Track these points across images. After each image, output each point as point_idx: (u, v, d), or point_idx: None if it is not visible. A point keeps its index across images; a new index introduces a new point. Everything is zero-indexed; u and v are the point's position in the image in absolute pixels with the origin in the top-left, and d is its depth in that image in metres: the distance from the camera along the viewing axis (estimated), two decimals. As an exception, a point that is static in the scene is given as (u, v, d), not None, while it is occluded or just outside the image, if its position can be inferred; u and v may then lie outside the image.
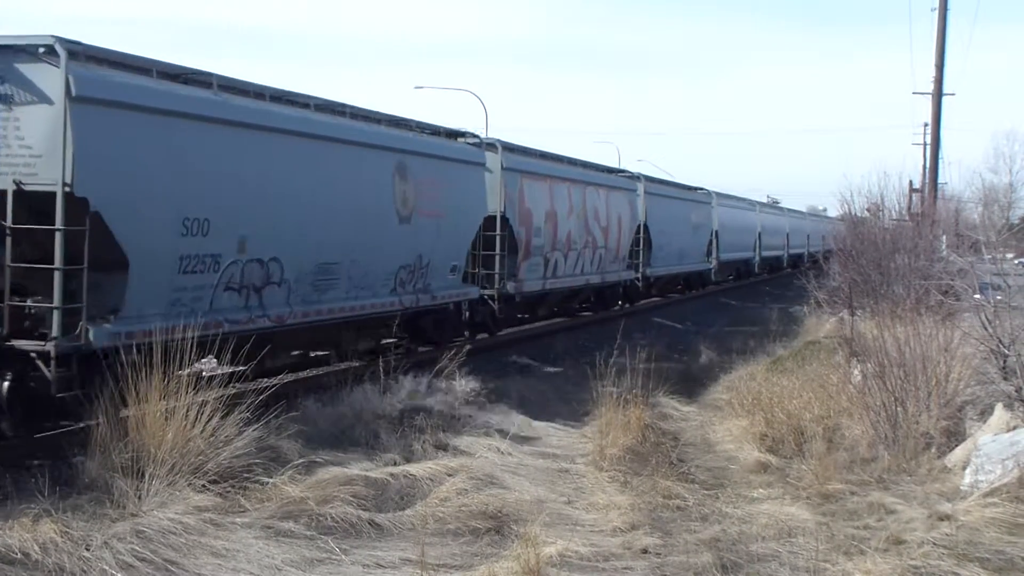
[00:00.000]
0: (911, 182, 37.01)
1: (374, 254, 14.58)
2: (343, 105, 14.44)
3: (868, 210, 25.82)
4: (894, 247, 20.90)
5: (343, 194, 13.80)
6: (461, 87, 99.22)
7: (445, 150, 17.26)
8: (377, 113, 15.43)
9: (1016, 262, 27.24)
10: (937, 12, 29.27)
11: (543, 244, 21.62)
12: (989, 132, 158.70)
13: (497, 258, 19.69)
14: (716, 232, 39.13)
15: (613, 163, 41.88)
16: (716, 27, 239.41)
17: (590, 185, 25.08)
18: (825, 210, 71.80)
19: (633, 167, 40.36)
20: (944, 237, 22.88)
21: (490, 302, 19.96)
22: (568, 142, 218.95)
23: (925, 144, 42.56)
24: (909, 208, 29.55)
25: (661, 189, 32.90)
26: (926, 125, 41.06)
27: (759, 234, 48.54)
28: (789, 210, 63.62)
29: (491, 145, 19.89)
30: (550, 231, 22.06)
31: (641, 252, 29.16)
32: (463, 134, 18.76)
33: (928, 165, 33.83)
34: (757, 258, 49.09)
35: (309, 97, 13.57)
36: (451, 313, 18.19)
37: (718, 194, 40.81)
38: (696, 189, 38.58)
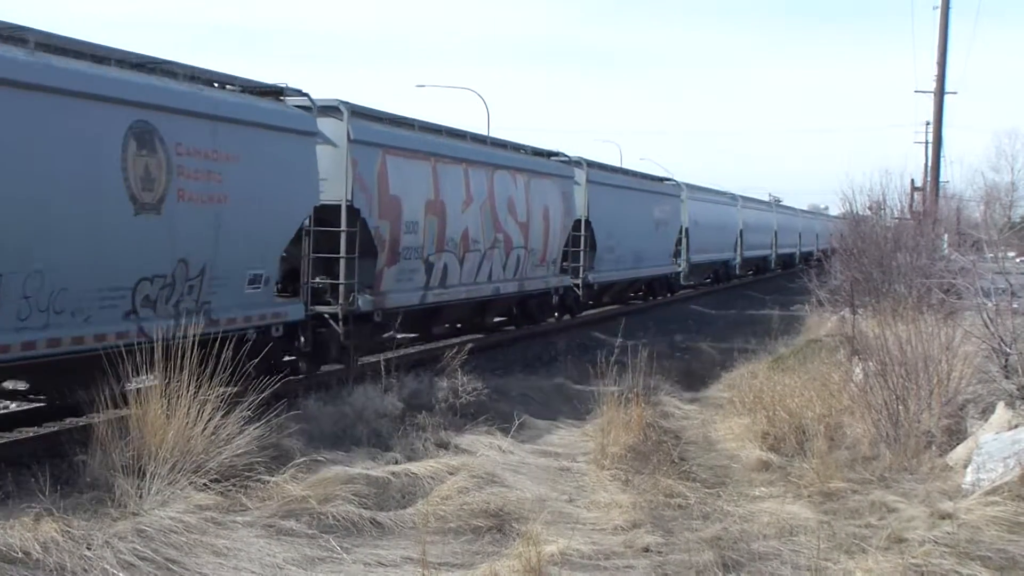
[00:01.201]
0: (913, 180, 37.02)
1: (87, 259, 10.16)
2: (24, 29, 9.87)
3: (870, 208, 25.80)
4: (896, 246, 20.88)
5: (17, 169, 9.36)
6: (463, 86, 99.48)
7: (239, 110, 12.33)
8: (110, 50, 10.92)
9: (1018, 260, 27.23)
10: (939, 10, 29.28)
11: (420, 244, 16.51)
12: (991, 131, 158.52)
13: (342, 263, 14.34)
14: (686, 230, 35.14)
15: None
16: (718, 26, 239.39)
17: (501, 169, 19.85)
18: (827, 208, 71.82)
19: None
20: (946, 236, 22.86)
21: (333, 325, 14.42)
22: (570, 141, 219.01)
23: (927, 142, 42.43)
24: (911, 206, 29.52)
25: (610, 178, 27.92)
26: (928, 123, 40.92)
27: (741, 232, 44.34)
28: (780, 206, 60.55)
29: (331, 109, 14.57)
30: (434, 227, 16.91)
31: (582, 254, 24.72)
32: (281, 90, 13.50)
33: (930, 163, 33.78)
34: (738, 259, 44.87)
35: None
36: (265, 341, 12.69)
37: (690, 186, 36.91)
38: (662, 180, 34.71)
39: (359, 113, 15.34)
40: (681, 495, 9.33)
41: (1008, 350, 10.85)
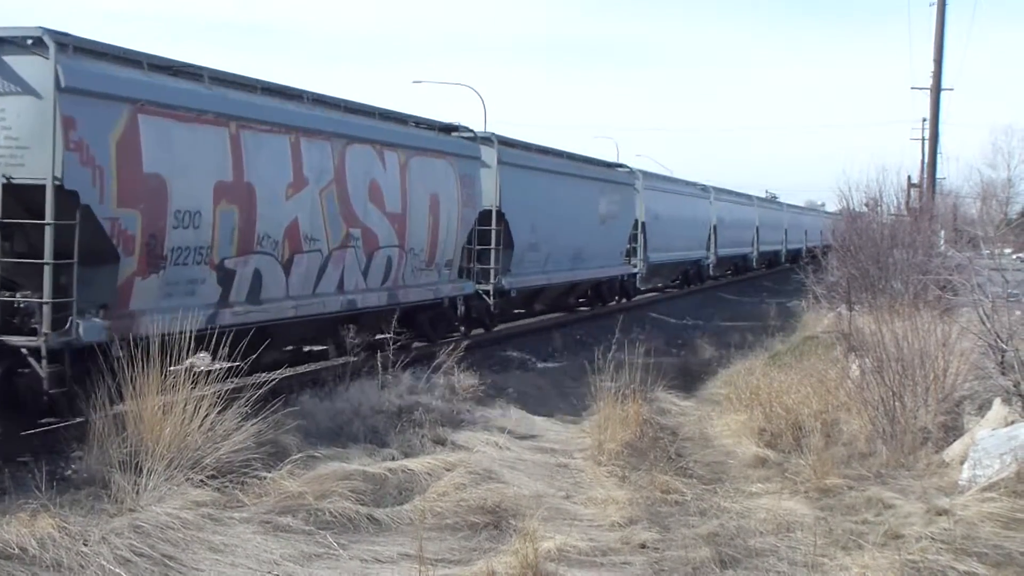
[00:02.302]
0: (909, 177, 37.09)
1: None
2: None
3: (866, 205, 25.81)
4: (892, 242, 20.90)
5: None
6: (460, 82, 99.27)
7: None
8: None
9: (1015, 257, 27.26)
10: (936, 7, 29.29)
11: (206, 244, 11.70)
12: (987, 127, 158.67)
13: (47, 270, 9.82)
14: (643, 224, 30.08)
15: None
16: (716, 23, 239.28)
17: (358, 143, 14.74)
18: (823, 205, 71.65)
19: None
20: (942, 232, 22.89)
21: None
22: (568, 137, 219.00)
23: (923, 139, 42.44)
24: (907, 203, 29.55)
25: (533, 159, 22.44)
26: (924, 120, 41.00)
27: (714, 227, 39.58)
28: (762, 199, 55.28)
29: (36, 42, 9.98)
30: (231, 221, 12.07)
31: (493, 253, 19.84)
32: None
33: (926, 160, 33.88)
34: (712, 258, 40.03)
35: None
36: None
37: (647, 175, 32.32)
38: (613, 166, 29.83)
39: (64, 41, 10.14)
40: (678, 491, 9.33)
41: (1004, 346, 10.85)
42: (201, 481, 8.49)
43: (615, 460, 10.28)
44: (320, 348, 15.75)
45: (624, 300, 29.58)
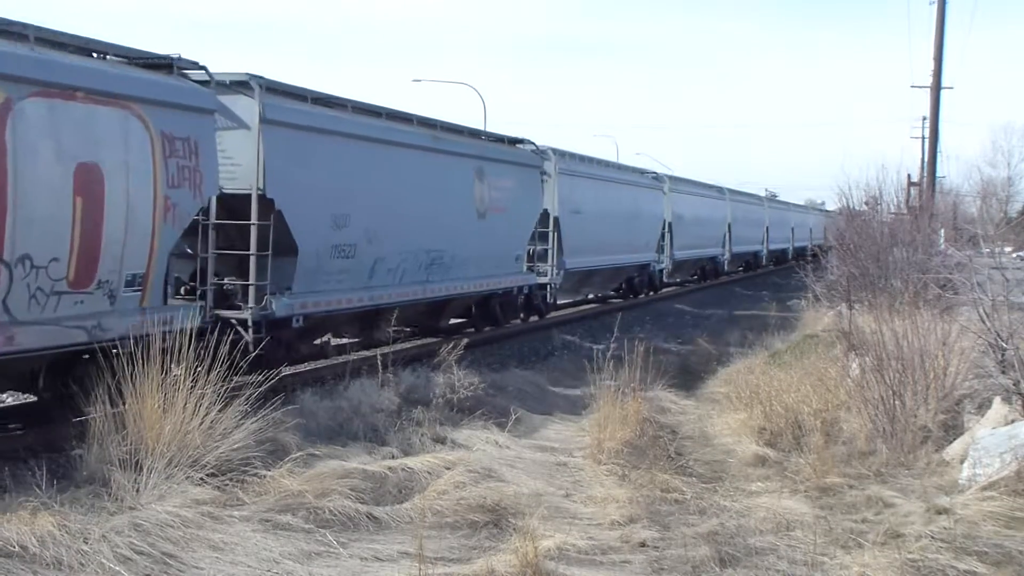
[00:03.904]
0: (909, 176, 37.06)
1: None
2: None
3: (866, 204, 25.81)
4: (892, 241, 20.90)
5: None
6: (460, 80, 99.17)
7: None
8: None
9: (1015, 255, 27.25)
10: (936, 5, 29.26)
11: None
12: (987, 126, 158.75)
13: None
14: (556, 220, 23.36)
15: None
16: (716, 22, 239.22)
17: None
18: (823, 204, 71.73)
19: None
20: (942, 231, 22.88)
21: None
22: (567, 136, 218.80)
23: (923, 137, 42.49)
24: (907, 201, 29.54)
25: (347, 124, 14.96)
26: (924, 118, 41.07)
27: (669, 224, 33.18)
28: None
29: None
30: None
31: (255, 269, 12.99)
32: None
33: (926, 158, 33.83)
34: (666, 263, 33.35)
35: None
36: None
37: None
38: (518, 142, 21.95)
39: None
40: (678, 490, 9.33)
41: (1004, 345, 10.86)
42: (201, 479, 8.49)
43: (615, 459, 10.27)
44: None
45: (529, 318, 23.58)
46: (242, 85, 12.94)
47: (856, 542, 7.63)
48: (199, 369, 9.10)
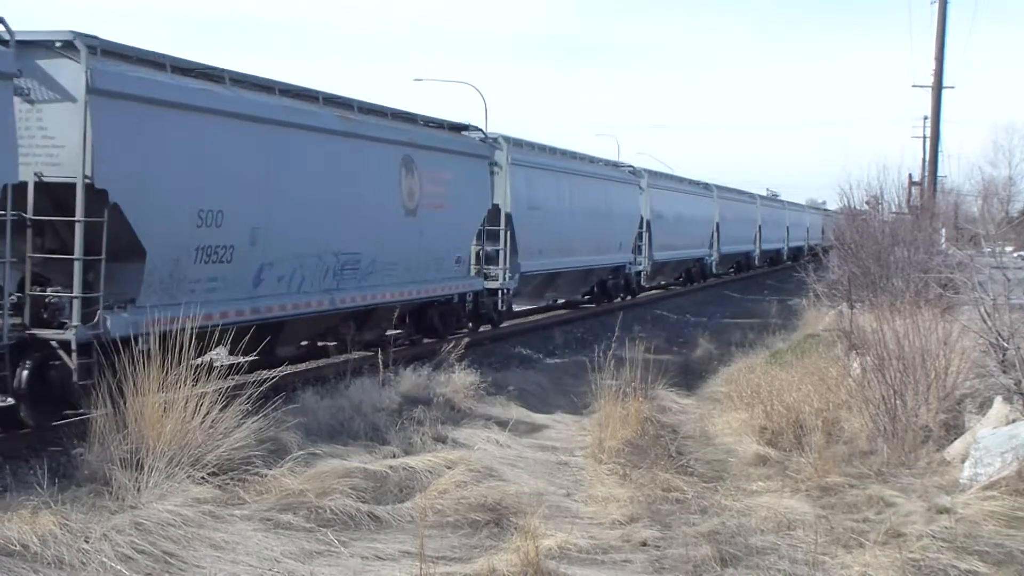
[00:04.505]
0: (910, 175, 37.01)
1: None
2: None
3: (868, 203, 25.80)
4: (894, 240, 20.89)
5: None
6: (461, 80, 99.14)
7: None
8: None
9: (1016, 255, 27.25)
10: (937, 5, 29.25)
11: None
12: (988, 125, 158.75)
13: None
14: (508, 217, 20.69)
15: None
16: (717, 21, 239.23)
17: None
18: (825, 203, 71.58)
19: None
20: (943, 230, 22.88)
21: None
22: (568, 135, 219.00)
23: (925, 137, 42.50)
24: (908, 201, 29.53)
25: (222, 99, 12.23)
26: (925, 118, 41.04)
27: (647, 223, 30.91)
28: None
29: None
30: None
31: (79, 277, 10.30)
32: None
33: (927, 158, 33.83)
34: (644, 265, 30.89)
35: None
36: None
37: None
38: (462, 128, 19.31)
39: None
40: (679, 489, 9.33)
41: (1006, 345, 10.85)
42: (202, 478, 8.49)
43: (616, 458, 10.27)
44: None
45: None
46: (67, 46, 10.28)
47: (857, 541, 7.63)
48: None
